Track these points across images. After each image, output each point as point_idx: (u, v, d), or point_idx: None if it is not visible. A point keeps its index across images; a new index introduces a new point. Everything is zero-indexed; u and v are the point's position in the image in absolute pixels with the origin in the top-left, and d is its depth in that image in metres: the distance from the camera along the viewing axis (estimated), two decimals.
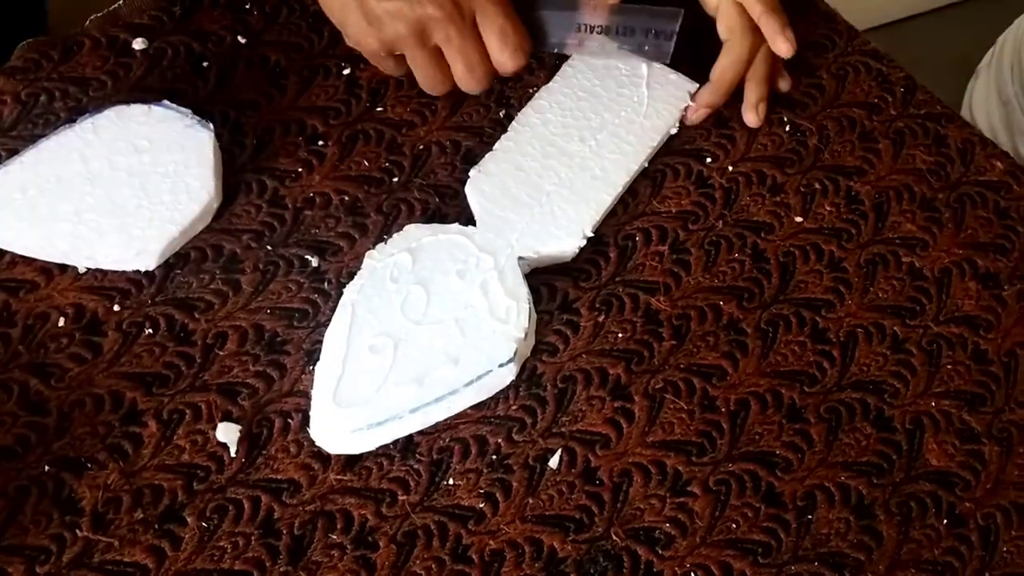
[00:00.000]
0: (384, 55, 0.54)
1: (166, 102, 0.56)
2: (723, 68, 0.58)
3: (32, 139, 0.55)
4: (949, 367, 0.52)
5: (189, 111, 0.56)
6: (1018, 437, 0.51)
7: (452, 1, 0.51)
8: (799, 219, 0.57)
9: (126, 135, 0.55)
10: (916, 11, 1.60)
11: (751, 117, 0.59)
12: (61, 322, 0.51)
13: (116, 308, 0.52)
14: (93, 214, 0.52)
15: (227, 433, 0.48)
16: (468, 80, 0.54)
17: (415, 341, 0.50)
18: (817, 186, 0.58)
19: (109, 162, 0.54)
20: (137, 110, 0.56)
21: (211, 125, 0.55)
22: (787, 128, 0.60)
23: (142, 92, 0.58)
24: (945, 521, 0.48)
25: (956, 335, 0.53)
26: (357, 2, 0.52)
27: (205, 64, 0.60)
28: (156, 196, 0.53)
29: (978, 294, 0.55)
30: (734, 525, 0.47)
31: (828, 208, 0.57)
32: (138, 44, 0.60)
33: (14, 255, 0.52)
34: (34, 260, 0.52)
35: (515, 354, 0.49)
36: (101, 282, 0.52)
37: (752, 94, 0.59)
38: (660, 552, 0.47)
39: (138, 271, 0.53)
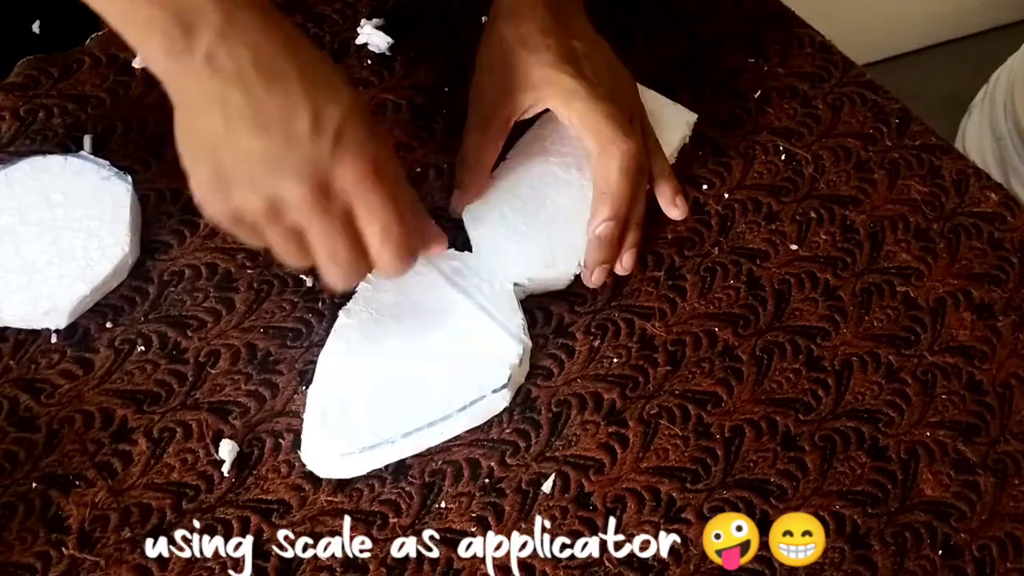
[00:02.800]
0: (230, 224, 0.44)
1: (83, 152, 0.55)
2: (597, 226, 0.53)
3: (30, 155, 0.55)
4: (944, 397, 0.52)
5: (108, 162, 0.54)
6: (1013, 468, 0.50)
7: (319, 183, 0.41)
8: (794, 247, 0.57)
9: (40, 188, 0.53)
10: (909, 48, 1.62)
11: (625, 262, 0.54)
12: (53, 338, 0.51)
13: (108, 325, 0.51)
14: (1, 270, 0.51)
15: (227, 450, 0.48)
16: (329, 275, 0.45)
17: (408, 366, 0.49)
18: (813, 215, 0.58)
19: (20, 216, 0.52)
20: (53, 161, 0.54)
21: (129, 178, 0.54)
22: (783, 157, 0.60)
23: (141, 110, 0.58)
24: (940, 552, 0.48)
25: (951, 365, 0.53)
26: (210, 153, 0.42)
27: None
28: (68, 252, 0.51)
29: (973, 324, 0.55)
30: None
31: (823, 237, 0.57)
32: (137, 63, 0.60)
33: None
34: None
35: (509, 380, 0.49)
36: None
37: (627, 238, 0.54)
38: None
39: (132, 287, 0.52)
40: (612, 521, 0.47)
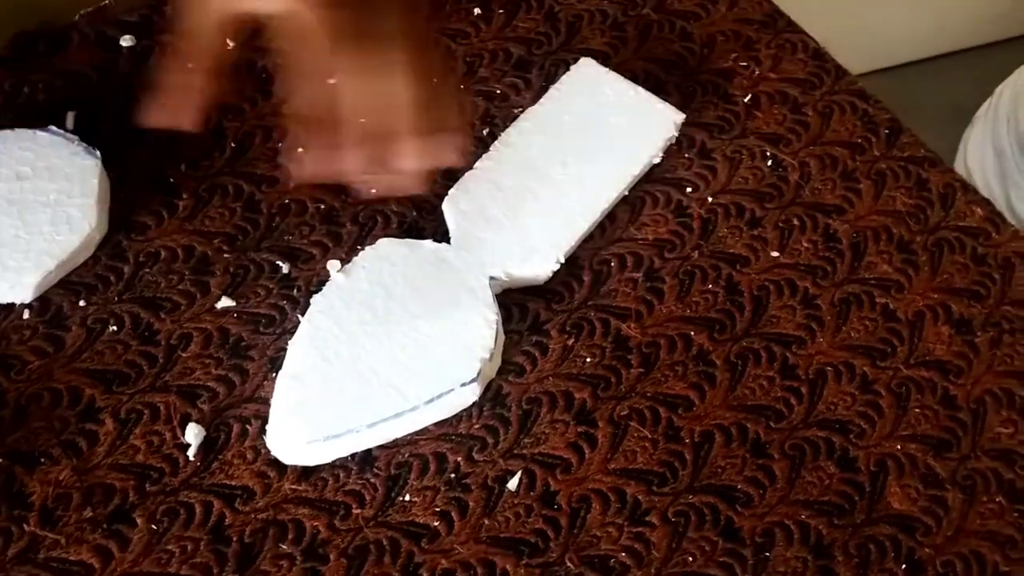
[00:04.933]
0: None
1: (52, 127, 0.55)
2: None
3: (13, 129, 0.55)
4: (917, 411, 0.52)
5: (77, 137, 0.54)
6: (982, 485, 0.50)
7: None
8: (775, 254, 0.56)
9: (7, 161, 0.53)
10: (915, 57, 1.61)
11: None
12: (25, 314, 0.51)
13: (82, 303, 0.51)
14: None
15: (194, 434, 0.48)
16: None
17: (378, 356, 0.49)
18: (795, 222, 0.58)
19: None
20: (22, 135, 0.54)
21: (98, 153, 0.54)
22: (769, 163, 0.60)
23: (126, 89, 0.58)
24: (904, 566, 0.48)
25: (926, 379, 0.53)
26: None
27: (191, 65, 0.60)
28: (35, 226, 0.51)
29: (950, 339, 0.54)
30: (690, 558, 0.47)
31: (805, 244, 0.57)
32: (126, 41, 0.60)
33: None
34: None
35: (479, 374, 0.49)
36: (69, 276, 0.52)
37: None
38: None
39: (107, 266, 0.52)
40: (577, 521, 0.47)
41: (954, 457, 0.51)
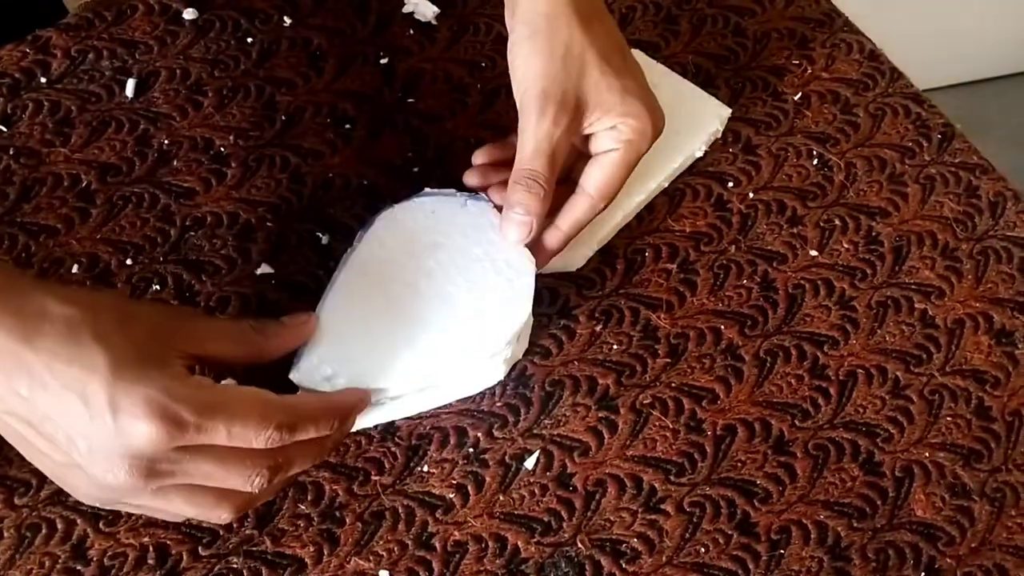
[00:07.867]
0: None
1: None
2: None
3: (77, 93, 0.58)
4: (949, 419, 0.51)
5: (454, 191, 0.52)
6: (1012, 499, 0.49)
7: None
8: (814, 253, 0.56)
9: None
10: (1001, 72, 1.58)
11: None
12: (75, 268, 0.53)
13: (128, 262, 0.53)
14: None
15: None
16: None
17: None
18: (837, 222, 0.57)
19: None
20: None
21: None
22: (815, 161, 0.59)
23: (185, 59, 0.60)
24: (923, 574, 0.47)
25: (961, 388, 0.52)
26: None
27: (250, 40, 0.62)
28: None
29: (990, 349, 0.53)
30: (703, 549, 0.47)
31: (846, 245, 0.56)
32: (188, 14, 0.62)
33: (39, 200, 0.55)
34: (61, 203, 0.54)
35: (502, 354, 0.49)
36: (119, 236, 0.54)
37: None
38: (624, 566, 0.46)
39: (155, 228, 0.54)
40: (591, 504, 0.47)
41: (984, 468, 0.50)
